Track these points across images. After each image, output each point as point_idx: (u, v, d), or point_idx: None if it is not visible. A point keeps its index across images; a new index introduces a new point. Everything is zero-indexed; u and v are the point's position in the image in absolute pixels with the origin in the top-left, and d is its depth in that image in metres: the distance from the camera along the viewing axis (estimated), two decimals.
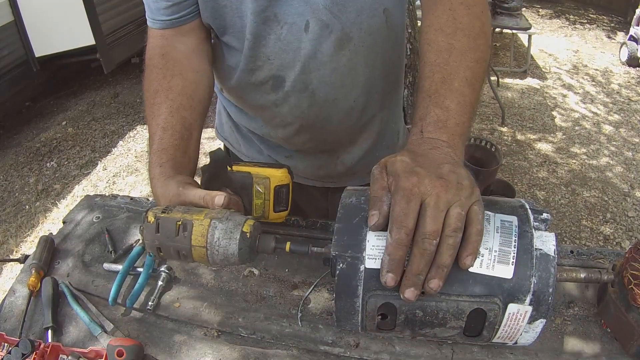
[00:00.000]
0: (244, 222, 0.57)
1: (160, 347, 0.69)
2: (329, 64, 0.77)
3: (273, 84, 0.81)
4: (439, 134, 0.57)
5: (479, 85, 0.65)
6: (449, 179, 0.49)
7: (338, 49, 0.77)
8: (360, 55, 0.79)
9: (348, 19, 0.75)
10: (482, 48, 0.66)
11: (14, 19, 3.31)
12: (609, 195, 2.93)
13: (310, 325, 0.69)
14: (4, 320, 0.74)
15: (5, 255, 2.52)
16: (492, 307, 0.52)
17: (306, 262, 0.79)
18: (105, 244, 0.85)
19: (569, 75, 4.66)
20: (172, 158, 0.69)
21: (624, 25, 5.83)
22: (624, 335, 0.63)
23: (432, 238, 0.47)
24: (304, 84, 0.79)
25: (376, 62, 0.83)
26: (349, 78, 0.81)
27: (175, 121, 0.72)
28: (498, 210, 0.57)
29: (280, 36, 0.75)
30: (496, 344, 0.57)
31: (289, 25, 0.74)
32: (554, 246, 0.53)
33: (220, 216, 0.57)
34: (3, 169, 3.32)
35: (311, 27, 0.74)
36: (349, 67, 0.79)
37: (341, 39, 0.76)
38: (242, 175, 0.71)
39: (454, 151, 0.56)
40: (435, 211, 0.47)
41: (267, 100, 0.85)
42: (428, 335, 0.58)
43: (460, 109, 0.60)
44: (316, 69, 0.78)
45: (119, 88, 4.42)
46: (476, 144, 1.83)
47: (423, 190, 0.48)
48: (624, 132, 3.64)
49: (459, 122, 0.59)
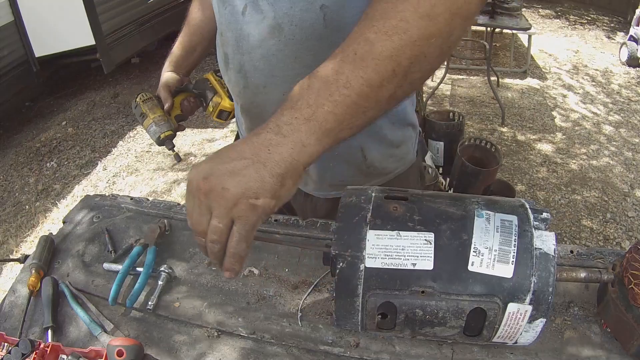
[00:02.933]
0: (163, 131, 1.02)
1: (160, 347, 0.69)
2: (258, 49, 0.79)
3: (224, 59, 0.87)
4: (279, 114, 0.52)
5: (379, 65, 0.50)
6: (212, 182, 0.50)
7: (269, 37, 0.77)
8: (290, 48, 0.76)
9: (281, 9, 0.74)
10: (406, 16, 0.50)
11: (14, 19, 3.31)
12: (609, 195, 2.93)
13: (310, 325, 0.69)
14: (4, 320, 0.74)
15: (5, 255, 2.52)
16: (492, 306, 0.52)
17: (306, 262, 0.79)
18: (105, 244, 0.85)
19: (569, 75, 4.66)
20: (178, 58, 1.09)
21: (624, 25, 5.83)
22: (624, 335, 0.63)
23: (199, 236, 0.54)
24: (239, 64, 0.83)
25: (308, 60, 0.77)
26: (278, 69, 0.79)
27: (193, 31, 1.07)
28: (498, 209, 0.57)
29: (227, 16, 0.81)
30: (496, 343, 0.57)
31: (231, 7, 0.79)
32: (554, 245, 0.53)
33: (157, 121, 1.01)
34: (3, 169, 3.32)
35: (248, 11, 0.77)
36: (278, 57, 0.78)
37: (272, 27, 0.76)
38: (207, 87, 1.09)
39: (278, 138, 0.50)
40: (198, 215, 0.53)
41: (225, 76, 0.92)
42: (428, 335, 0.58)
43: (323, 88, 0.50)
44: (247, 51, 0.80)
45: (119, 88, 4.42)
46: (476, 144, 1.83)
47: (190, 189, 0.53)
48: (624, 132, 3.64)
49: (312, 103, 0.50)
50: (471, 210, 0.57)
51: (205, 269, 0.80)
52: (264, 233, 0.86)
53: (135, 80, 4.51)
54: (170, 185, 3.01)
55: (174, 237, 0.87)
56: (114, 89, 4.41)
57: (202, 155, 3.33)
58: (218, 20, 0.86)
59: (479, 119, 3.77)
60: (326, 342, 0.67)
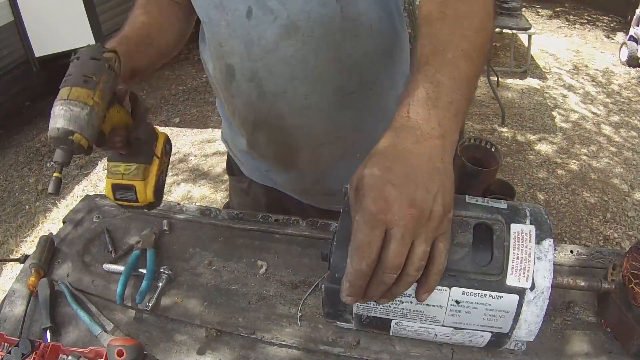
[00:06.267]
0: None
1: (160, 347, 0.69)
2: (273, 52, 0.74)
3: (227, 72, 0.81)
4: (428, 117, 0.49)
5: (480, 58, 0.57)
6: (422, 207, 0.45)
7: (284, 37, 0.73)
8: (309, 46, 0.74)
9: (294, 6, 0.71)
10: (481, 15, 0.59)
11: (14, 19, 3.31)
12: (609, 195, 2.92)
13: (310, 325, 0.69)
14: (4, 320, 0.74)
15: (5, 255, 2.52)
16: (496, 222, 0.55)
17: (306, 262, 0.79)
18: (105, 244, 0.85)
19: (569, 75, 4.66)
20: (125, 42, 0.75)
21: (624, 25, 5.82)
22: (624, 335, 0.63)
23: (393, 273, 0.45)
24: (250, 72, 0.77)
25: (329, 56, 0.75)
26: (299, 70, 0.76)
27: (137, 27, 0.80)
28: None
29: (229, 22, 0.75)
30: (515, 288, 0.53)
31: (233, 12, 0.74)
32: None
33: None
34: (3, 169, 3.32)
35: (254, 13, 0.72)
36: (297, 58, 0.74)
37: (287, 27, 0.72)
38: None
39: (443, 142, 0.49)
40: (400, 246, 0.44)
41: (226, 91, 0.85)
42: None
43: (454, 84, 0.52)
44: (260, 57, 0.75)
45: None
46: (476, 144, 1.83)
47: (390, 218, 0.44)
48: (624, 132, 3.64)
49: (453, 99, 0.51)
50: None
51: (205, 268, 0.80)
52: (263, 233, 0.86)
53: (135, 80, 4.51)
54: (170, 186, 3.01)
55: (174, 237, 0.87)
56: None
57: (202, 156, 3.32)
58: (212, 31, 0.79)
59: (479, 119, 3.77)
60: (326, 342, 0.67)
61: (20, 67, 3.46)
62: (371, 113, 0.84)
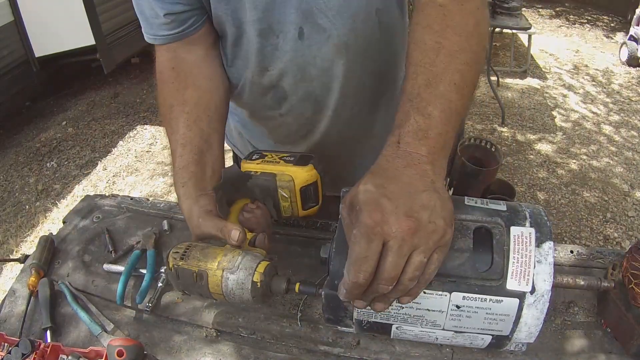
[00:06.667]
0: (254, 271, 0.58)
1: (160, 347, 0.69)
2: (328, 71, 0.76)
3: (274, 94, 0.81)
4: (417, 147, 0.51)
5: (469, 92, 0.57)
6: (419, 218, 0.45)
7: (337, 56, 0.75)
8: (358, 63, 0.77)
9: (344, 26, 0.72)
10: (475, 49, 0.58)
11: (14, 19, 3.31)
12: (609, 195, 2.92)
13: (310, 325, 0.69)
14: (4, 320, 0.74)
15: (5, 255, 2.52)
16: (496, 226, 0.55)
17: (306, 262, 0.79)
18: (105, 244, 0.85)
19: (569, 75, 4.66)
20: (193, 176, 0.69)
21: (624, 25, 5.82)
22: (624, 335, 0.63)
23: (388, 284, 0.46)
24: (305, 92, 0.79)
25: (370, 68, 0.80)
26: (351, 88, 0.80)
27: (193, 135, 0.72)
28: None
29: (277, 46, 0.74)
30: (515, 292, 0.53)
31: (284, 34, 0.73)
32: None
33: (231, 266, 0.58)
34: (3, 169, 3.32)
35: (306, 34, 0.72)
36: (347, 76, 0.78)
37: (338, 46, 0.74)
38: (265, 180, 0.68)
39: (434, 168, 0.50)
40: (397, 258, 0.45)
41: (270, 111, 0.85)
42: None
43: (444, 117, 0.53)
44: (317, 76, 0.77)
45: (119, 88, 4.42)
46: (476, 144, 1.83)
47: (387, 230, 0.44)
48: (624, 132, 3.63)
49: (442, 131, 0.52)
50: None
51: None
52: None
53: (135, 80, 4.51)
54: (170, 186, 3.01)
55: (174, 237, 0.87)
56: (114, 89, 4.40)
57: None
58: (260, 57, 0.76)
59: (479, 119, 3.77)
60: (326, 343, 0.67)
61: (20, 67, 3.46)
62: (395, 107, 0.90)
